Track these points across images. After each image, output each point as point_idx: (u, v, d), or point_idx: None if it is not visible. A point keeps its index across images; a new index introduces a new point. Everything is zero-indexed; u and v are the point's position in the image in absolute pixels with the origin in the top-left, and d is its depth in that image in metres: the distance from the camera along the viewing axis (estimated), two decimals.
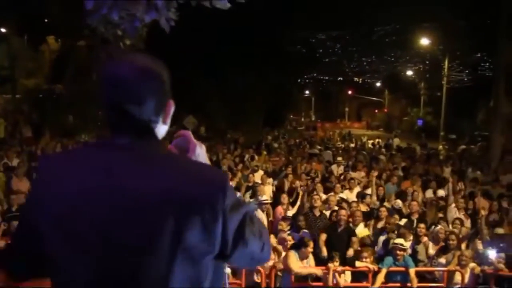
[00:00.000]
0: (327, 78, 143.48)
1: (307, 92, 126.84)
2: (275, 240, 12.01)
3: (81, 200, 2.19)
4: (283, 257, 11.01)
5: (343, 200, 15.12)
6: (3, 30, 40.43)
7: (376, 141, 45.13)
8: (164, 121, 2.39)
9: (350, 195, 16.44)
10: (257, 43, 42.62)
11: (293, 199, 15.74)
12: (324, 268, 10.94)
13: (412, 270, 10.94)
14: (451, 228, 12.98)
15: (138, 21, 7.97)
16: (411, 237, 12.28)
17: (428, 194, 17.32)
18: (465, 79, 72.03)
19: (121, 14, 7.80)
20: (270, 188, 17.60)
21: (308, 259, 11.18)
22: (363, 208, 14.45)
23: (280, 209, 14.42)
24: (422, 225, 12.67)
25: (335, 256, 10.97)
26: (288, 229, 12.53)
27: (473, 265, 11.12)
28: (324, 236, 12.15)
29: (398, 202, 15.56)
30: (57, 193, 2.23)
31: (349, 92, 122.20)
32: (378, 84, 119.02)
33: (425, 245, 12.14)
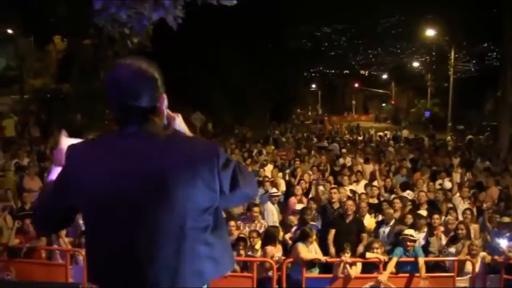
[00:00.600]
0: (333, 71, 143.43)
1: (313, 86, 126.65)
2: (288, 236, 12.12)
3: (108, 178, 2.79)
4: (293, 250, 11.06)
5: (352, 193, 15.15)
6: (9, 31, 40.46)
7: (383, 133, 45.03)
8: (160, 110, 2.95)
9: (357, 187, 16.48)
10: (260, 38, 42.63)
11: (305, 191, 15.80)
12: (335, 259, 11.01)
13: (421, 259, 10.93)
14: (460, 218, 12.96)
15: (145, 19, 8.02)
16: (425, 229, 12.28)
17: (437, 185, 17.28)
18: (472, 69, 71.71)
19: (129, 13, 7.84)
20: (283, 182, 17.65)
21: (313, 246, 11.22)
22: (371, 200, 14.49)
23: (293, 200, 14.43)
24: (437, 216, 12.56)
25: (346, 248, 11.00)
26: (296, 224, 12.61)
27: (483, 254, 11.11)
28: (332, 232, 12.14)
29: (410, 193, 15.55)
30: (88, 174, 2.82)
31: (356, 85, 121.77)
32: (384, 76, 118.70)
33: (438, 237, 12.06)
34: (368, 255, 11.07)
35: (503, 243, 11.32)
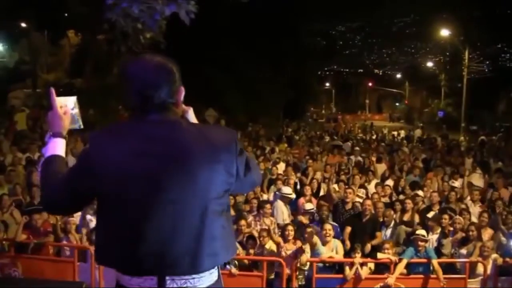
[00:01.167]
0: (347, 70, 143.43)
1: (327, 84, 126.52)
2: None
3: (133, 161, 2.91)
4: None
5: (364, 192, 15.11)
6: (23, 25, 40.56)
7: (396, 132, 44.83)
8: (178, 102, 3.17)
9: (369, 187, 16.37)
10: (275, 35, 42.52)
11: (315, 190, 15.73)
12: (345, 259, 10.96)
13: (435, 261, 10.84)
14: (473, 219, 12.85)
15: (158, 14, 8.00)
16: (438, 230, 12.16)
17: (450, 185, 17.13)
18: (485, 70, 71.50)
19: (141, 7, 7.81)
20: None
21: (335, 245, 11.20)
22: (383, 200, 14.41)
23: (302, 201, 14.35)
24: (446, 216, 12.45)
25: (357, 248, 10.94)
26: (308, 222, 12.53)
27: (495, 256, 11.02)
28: (348, 229, 12.09)
29: (421, 193, 15.43)
30: (112, 158, 2.94)
31: (369, 84, 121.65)
32: (398, 76, 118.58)
33: (454, 240, 11.90)
34: (379, 255, 10.99)
35: None
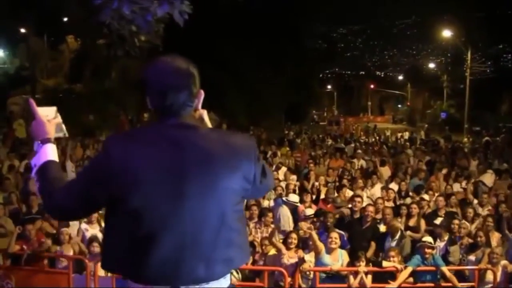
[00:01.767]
0: (348, 72, 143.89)
1: (329, 86, 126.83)
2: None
3: (155, 165, 2.89)
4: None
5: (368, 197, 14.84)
6: (22, 31, 40.55)
7: (399, 135, 44.65)
8: (197, 105, 3.21)
9: (372, 191, 16.13)
10: (276, 38, 42.44)
11: (315, 196, 15.46)
12: (349, 268, 10.64)
13: (445, 269, 10.53)
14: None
15: (150, 15, 7.75)
16: (446, 237, 11.81)
17: (456, 188, 16.88)
18: (487, 70, 71.56)
19: (132, 8, 7.55)
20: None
21: (340, 255, 10.86)
22: (388, 204, 14.10)
23: (301, 208, 14.04)
24: (456, 221, 12.15)
25: (361, 256, 10.61)
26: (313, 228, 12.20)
27: (504, 262, 10.72)
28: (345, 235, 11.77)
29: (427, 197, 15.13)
30: (133, 163, 2.88)
31: (371, 86, 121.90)
32: (400, 78, 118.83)
33: (459, 246, 11.61)
34: (385, 264, 10.67)
35: None
